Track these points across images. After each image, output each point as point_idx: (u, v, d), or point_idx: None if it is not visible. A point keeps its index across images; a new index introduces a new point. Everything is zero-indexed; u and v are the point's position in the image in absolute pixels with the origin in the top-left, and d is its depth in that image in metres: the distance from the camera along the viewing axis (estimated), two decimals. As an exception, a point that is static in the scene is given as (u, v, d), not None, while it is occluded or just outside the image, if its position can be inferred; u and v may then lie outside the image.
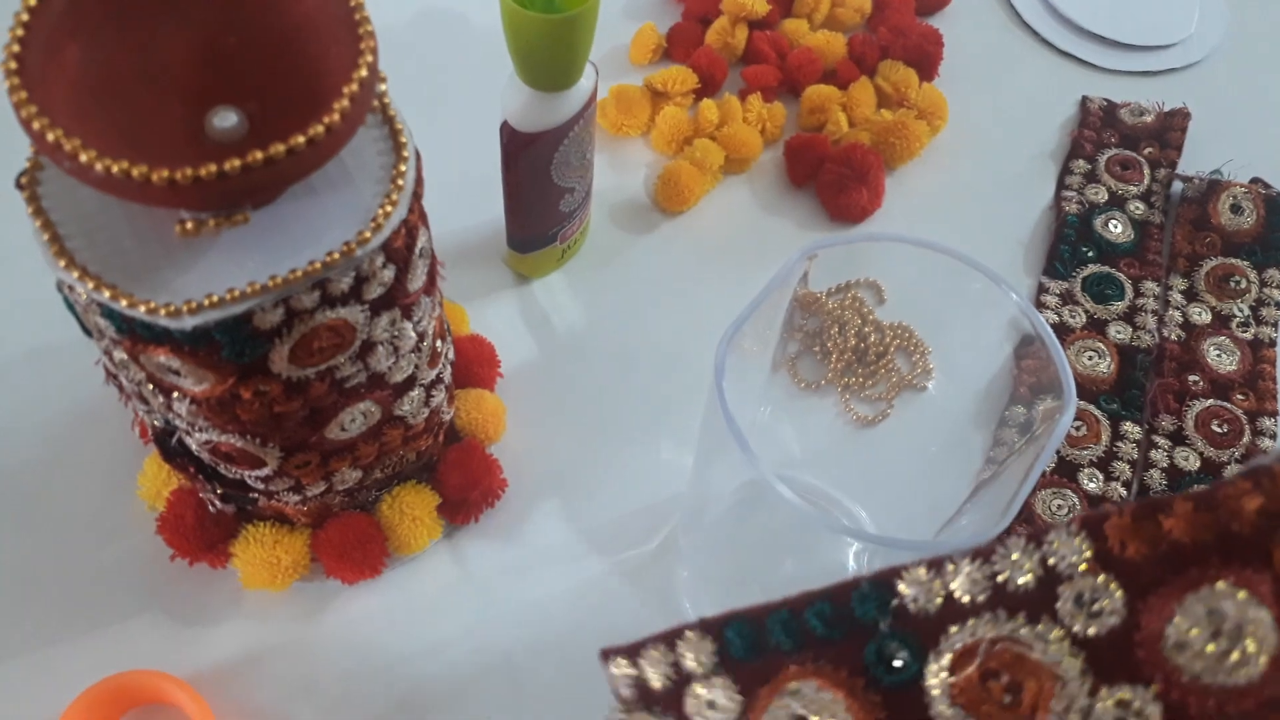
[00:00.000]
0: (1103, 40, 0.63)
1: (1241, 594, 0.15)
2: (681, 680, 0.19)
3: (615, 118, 0.56)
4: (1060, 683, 0.16)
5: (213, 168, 0.25)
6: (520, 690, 0.41)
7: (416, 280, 0.32)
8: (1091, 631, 0.16)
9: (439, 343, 0.38)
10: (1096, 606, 0.16)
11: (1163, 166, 0.57)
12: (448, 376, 0.40)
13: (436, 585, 0.43)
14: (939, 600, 0.17)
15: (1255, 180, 0.55)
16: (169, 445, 0.37)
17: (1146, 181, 0.57)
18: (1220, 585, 0.15)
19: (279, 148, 0.26)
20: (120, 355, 0.30)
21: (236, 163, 0.25)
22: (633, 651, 0.20)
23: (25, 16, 0.25)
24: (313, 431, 0.34)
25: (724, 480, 0.36)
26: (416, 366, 0.36)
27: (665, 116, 0.56)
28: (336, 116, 0.26)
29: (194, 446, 0.35)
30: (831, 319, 0.40)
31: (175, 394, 0.31)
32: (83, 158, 0.25)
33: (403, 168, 0.30)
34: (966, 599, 0.17)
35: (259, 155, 0.25)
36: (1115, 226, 0.54)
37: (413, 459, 0.41)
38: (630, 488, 0.46)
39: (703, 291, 0.52)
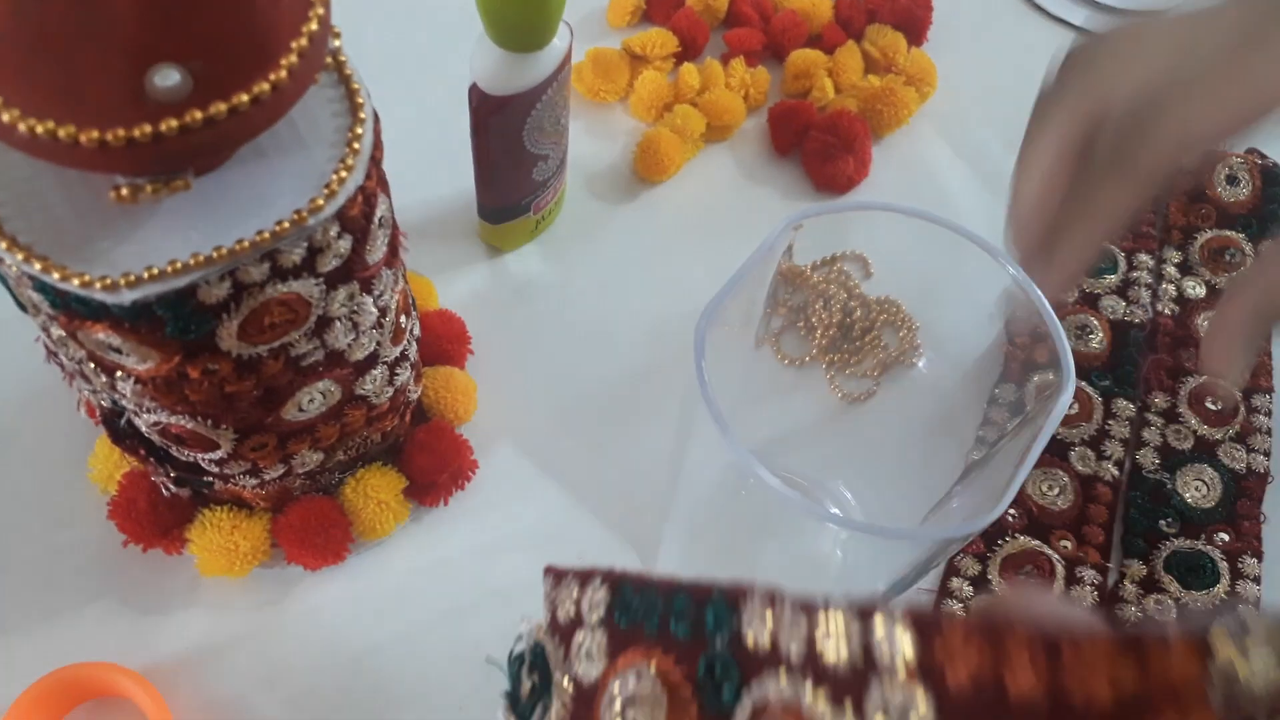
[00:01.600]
0: (1096, 4, 0.62)
1: None
2: (577, 621, 0.19)
3: (592, 82, 0.54)
4: None
5: (147, 128, 0.23)
6: (493, 680, 0.39)
7: (376, 251, 0.30)
8: None
9: (403, 318, 0.36)
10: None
11: (1156, 136, 0.56)
12: (413, 354, 0.38)
13: (404, 571, 0.41)
14: (766, 641, 0.16)
15: (1251, 150, 0.54)
16: (118, 426, 0.35)
17: (1139, 151, 0.55)
18: None
19: (220, 107, 0.24)
20: (58, 332, 0.29)
21: (174, 123, 0.23)
22: (559, 576, 0.20)
23: (-57, -37, 0.23)
24: (268, 412, 0.33)
25: (704, 462, 0.34)
26: (379, 343, 0.34)
27: (644, 81, 0.54)
28: (284, 73, 0.25)
29: (143, 428, 0.34)
30: (816, 293, 0.39)
31: (119, 373, 0.29)
32: (4, 117, 0.23)
33: (359, 130, 0.28)
34: (786, 650, 0.16)
35: (198, 115, 0.24)
36: (1107, 197, 0.53)
37: (377, 440, 0.40)
38: (607, 469, 0.44)
39: (683, 264, 0.50)
